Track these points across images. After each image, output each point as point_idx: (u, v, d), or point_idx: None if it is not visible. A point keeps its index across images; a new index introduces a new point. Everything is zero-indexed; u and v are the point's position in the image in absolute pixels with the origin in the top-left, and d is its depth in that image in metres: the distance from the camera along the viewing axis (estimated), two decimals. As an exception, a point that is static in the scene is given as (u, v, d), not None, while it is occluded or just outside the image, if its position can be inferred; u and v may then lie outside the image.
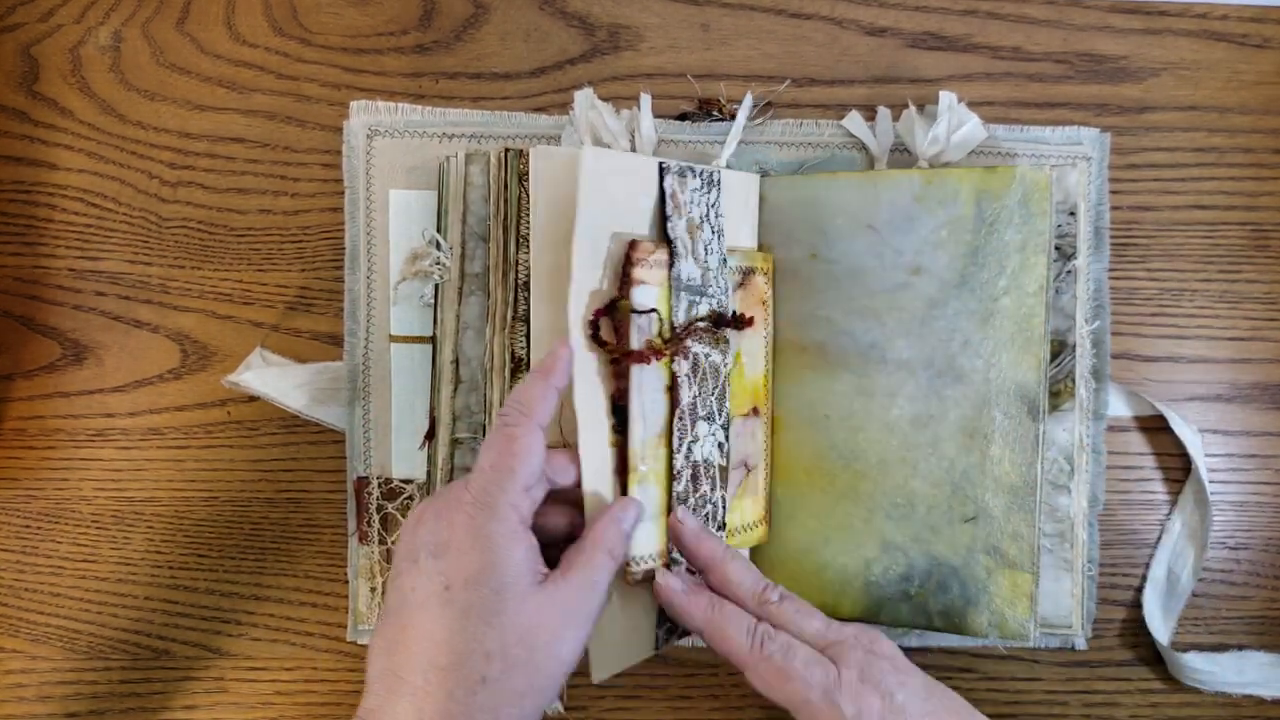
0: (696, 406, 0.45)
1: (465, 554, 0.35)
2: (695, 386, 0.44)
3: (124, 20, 0.54)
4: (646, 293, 0.43)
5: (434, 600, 0.34)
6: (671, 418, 0.44)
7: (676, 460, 0.44)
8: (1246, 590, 0.55)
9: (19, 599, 0.54)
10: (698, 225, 0.46)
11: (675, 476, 0.44)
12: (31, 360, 0.54)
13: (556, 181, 0.43)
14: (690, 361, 0.44)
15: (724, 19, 0.54)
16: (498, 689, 0.33)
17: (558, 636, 0.35)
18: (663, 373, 0.43)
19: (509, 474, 0.36)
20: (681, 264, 0.44)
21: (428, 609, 0.34)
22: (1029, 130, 0.54)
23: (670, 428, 0.44)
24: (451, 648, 0.34)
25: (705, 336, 0.45)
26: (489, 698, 0.33)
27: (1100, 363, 0.53)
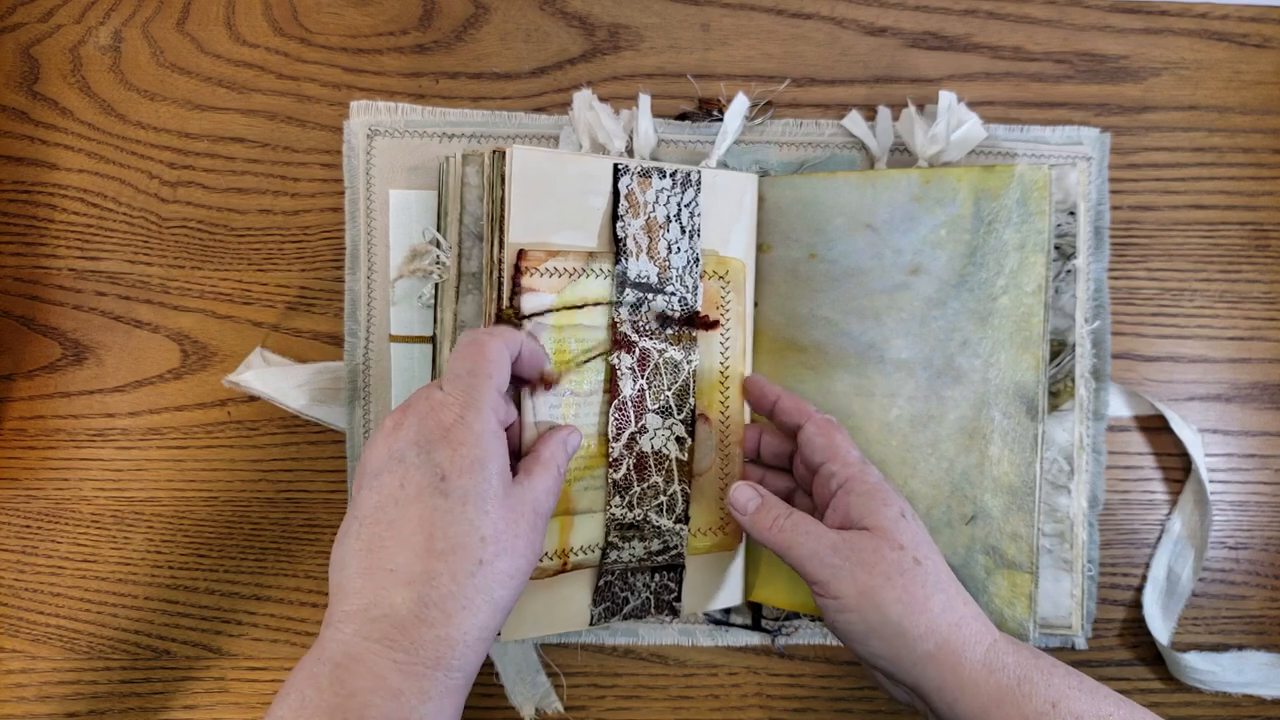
0: (645, 399, 0.47)
1: (460, 446, 0.36)
2: (643, 380, 0.46)
3: (124, 20, 0.54)
4: (535, 300, 0.44)
5: (428, 491, 0.36)
6: (608, 409, 0.46)
7: (614, 448, 0.46)
8: (1246, 590, 0.55)
9: (19, 599, 0.54)
10: (662, 224, 0.46)
11: (613, 465, 0.46)
12: (32, 360, 0.54)
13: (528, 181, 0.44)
14: (635, 356, 0.46)
15: (724, 19, 0.54)
16: (491, 570, 0.36)
17: (533, 527, 0.38)
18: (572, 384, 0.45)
19: (486, 378, 0.38)
20: (631, 263, 0.46)
21: (421, 500, 0.36)
22: (1029, 130, 0.54)
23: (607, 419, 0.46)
24: (449, 534, 0.35)
25: (661, 333, 0.47)
26: (485, 579, 0.35)
27: (1100, 362, 0.53)
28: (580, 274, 0.45)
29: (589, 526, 0.46)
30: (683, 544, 0.48)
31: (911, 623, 0.39)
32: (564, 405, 0.45)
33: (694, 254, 0.47)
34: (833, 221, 0.49)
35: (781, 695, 0.54)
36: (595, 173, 0.45)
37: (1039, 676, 0.38)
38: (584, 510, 0.46)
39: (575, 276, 0.45)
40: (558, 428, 0.43)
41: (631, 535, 0.47)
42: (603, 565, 0.47)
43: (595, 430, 0.46)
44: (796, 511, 0.43)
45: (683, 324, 0.47)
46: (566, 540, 0.45)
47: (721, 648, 0.54)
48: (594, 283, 0.45)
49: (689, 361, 0.48)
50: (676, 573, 0.49)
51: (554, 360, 0.44)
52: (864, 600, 0.39)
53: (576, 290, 0.45)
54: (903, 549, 0.40)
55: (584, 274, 0.45)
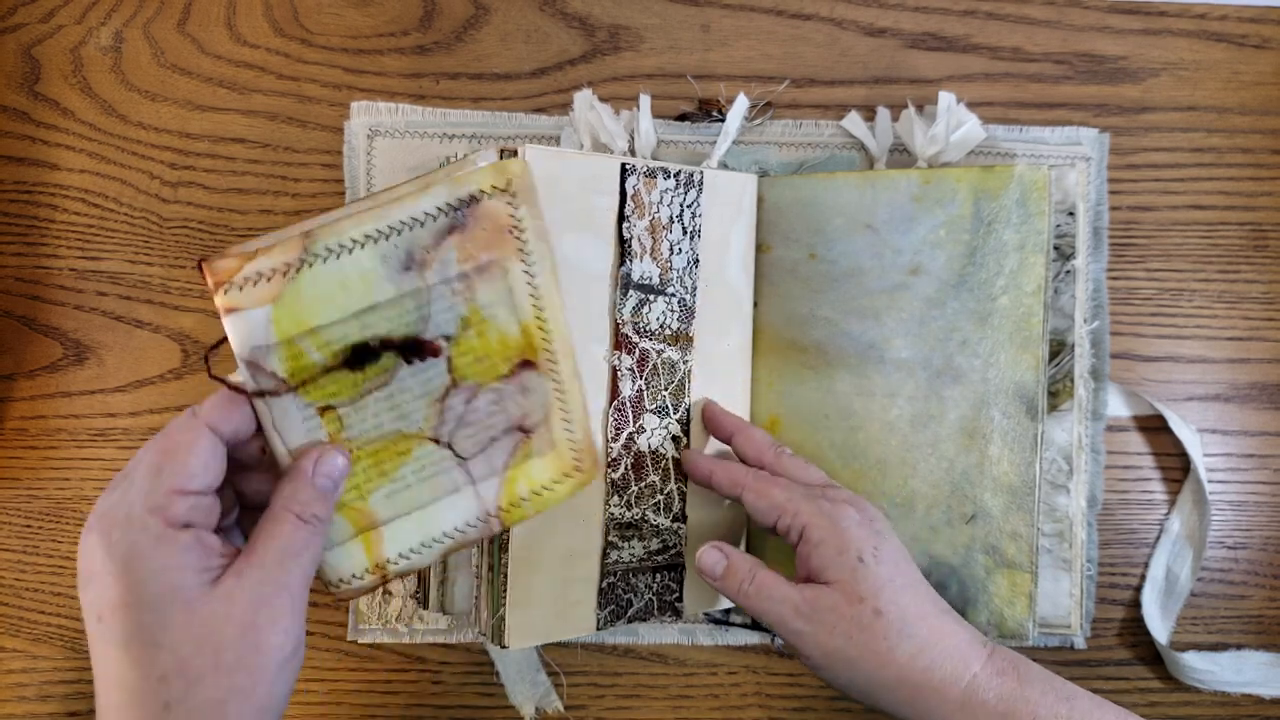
0: (644, 400, 0.47)
1: (105, 578, 0.32)
2: (641, 381, 0.46)
3: (125, 21, 0.54)
4: (246, 322, 0.36)
5: (95, 638, 0.32)
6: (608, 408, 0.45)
7: (612, 449, 0.46)
8: (1245, 590, 0.55)
9: (20, 598, 0.54)
10: (665, 225, 0.46)
11: (612, 464, 0.46)
12: (33, 360, 0.54)
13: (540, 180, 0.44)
14: (635, 356, 0.46)
15: (724, 20, 0.54)
16: (187, 708, 0.31)
17: (252, 627, 0.32)
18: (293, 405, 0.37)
19: (153, 473, 0.33)
20: (635, 264, 0.46)
21: (95, 648, 0.32)
22: (1028, 130, 0.54)
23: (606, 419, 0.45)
24: (123, 684, 0.31)
25: (660, 334, 0.47)
26: (183, 718, 0.31)
27: (1099, 363, 0.53)
28: (300, 265, 0.36)
29: (408, 529, 0.39)
30: (682, 543, 0.48)
31: (880, 677, 0.39)
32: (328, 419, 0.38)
33: (694, 255, 0.48)
34: (832, 222, 0.50)
35: (781, 695, 0.55)
36: (602, 172, 0.45)
37: (1022, 709, 0.37)
38: (392, 518, 0.39)
39: (293, 271, 0.36)
40: (302, 456, 0.36)
41: (630, 535, 0.47)
42: (604, 566, 0.47)
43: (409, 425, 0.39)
44: (761, 571, 0.42)
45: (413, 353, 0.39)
46: (378, 554, 0.39)
47: (721, 647, 0.54)
48: (334, 265, 0.37)
49: (684, 361, 0.48)
50: (677, 572, 0.49)
51: (308, 386, 0.37)
52: (831, 660, 0.39)
53: (310, 283, 0.36)
54: (862, 601, 0.39)
55: (308, 262, 0.36)
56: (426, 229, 0.37)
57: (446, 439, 0.39)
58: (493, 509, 0.40)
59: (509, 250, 0.38)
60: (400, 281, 0.37)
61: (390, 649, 0.54)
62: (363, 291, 0.37)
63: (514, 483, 0.41)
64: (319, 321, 0.37)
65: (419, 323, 0.38)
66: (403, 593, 0.53)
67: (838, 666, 0.39)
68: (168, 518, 0.32)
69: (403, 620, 0.53)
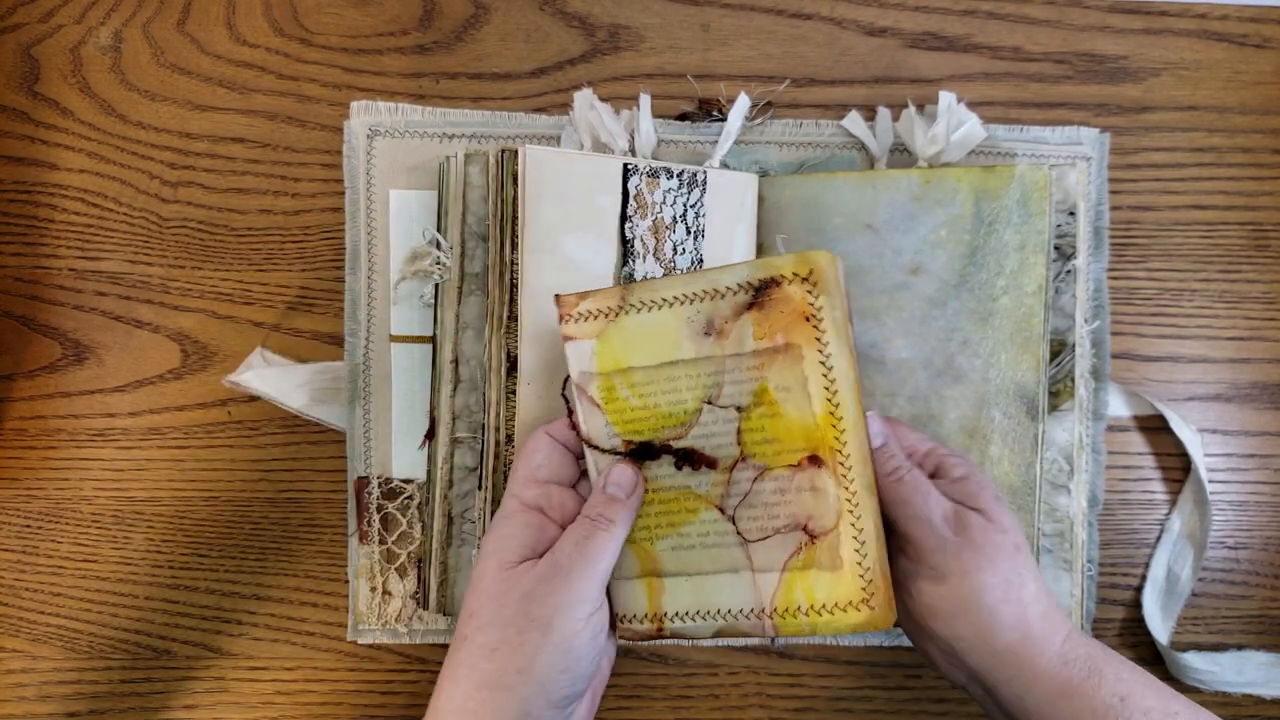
0: None
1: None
2: None
3: (124, 20, 0.54)
4: (579, 349, 0.42)
5: None
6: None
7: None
8: (1246, 590, 0.55)
9: (20, 599, 0.54)
10: (668, 225, 0.46)
11: None
12: (32, 360, 0.54)
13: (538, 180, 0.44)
14: None
15: (724, 19, 0.54)
16: (472, 646, 0.38)
17: (531, 597, 0.38)
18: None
19: (513, 470, 0.42)
20: (638, 264, 0.46)
21: None
22: (1029, 130, 0.54)
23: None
24: (460, 617, 0.40)
25: None
26: (466, 654, 0.38)
27: (1100, 363, 0.53)
28: (619, 311, 0.41)
29: (686, 591, 0.41)
30: None
31: (1005, 610, 0.38)
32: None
33: (698, 255, 0.47)
34: (833, 221, 0.50)
35: (781, 695, 0.54)
36: (604, 172, 0.45)
37: (1108, 670, 0.38)
38: (674, 573, 0.41)
39: (613, 315, 0.41)
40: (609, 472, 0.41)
41: None
42: None
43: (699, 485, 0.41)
44: (916, 469, 0.41)
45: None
46: (658, 604, 0.41)
47: (721, 647, 0.54)
48: (646, 318, 0.41)
49: None
50: None
51: (617, 416, 0.41)
52: (965, 579, 0.39)
53: (627, 328, 0.41)
54: (1006, 532, 0.40)
55: (624, 310, 0.41)
56: (727, 301, 0.40)
57: (730, 512, 0.40)
58: (767, 607, 0.40)
59: (805, 337, 0.39)
60: (700, 345, 0.40)
61: (390, 649, 0.54)
62: (668, 346, 0.41)
63: (792, 588, 0.40)
64: (631, 363, 0.41)
65: (714, 387, 0.40)
66: (402, 593, 0.53)
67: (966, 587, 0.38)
68: (521, 499, 0.41)
69: (402, 621, 0.53)
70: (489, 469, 0.48)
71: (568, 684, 0.38)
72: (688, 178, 0.47)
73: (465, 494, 0.50)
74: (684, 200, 0.47)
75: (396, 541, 0.53)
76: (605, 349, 0.41)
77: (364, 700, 0.54)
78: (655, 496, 0.41)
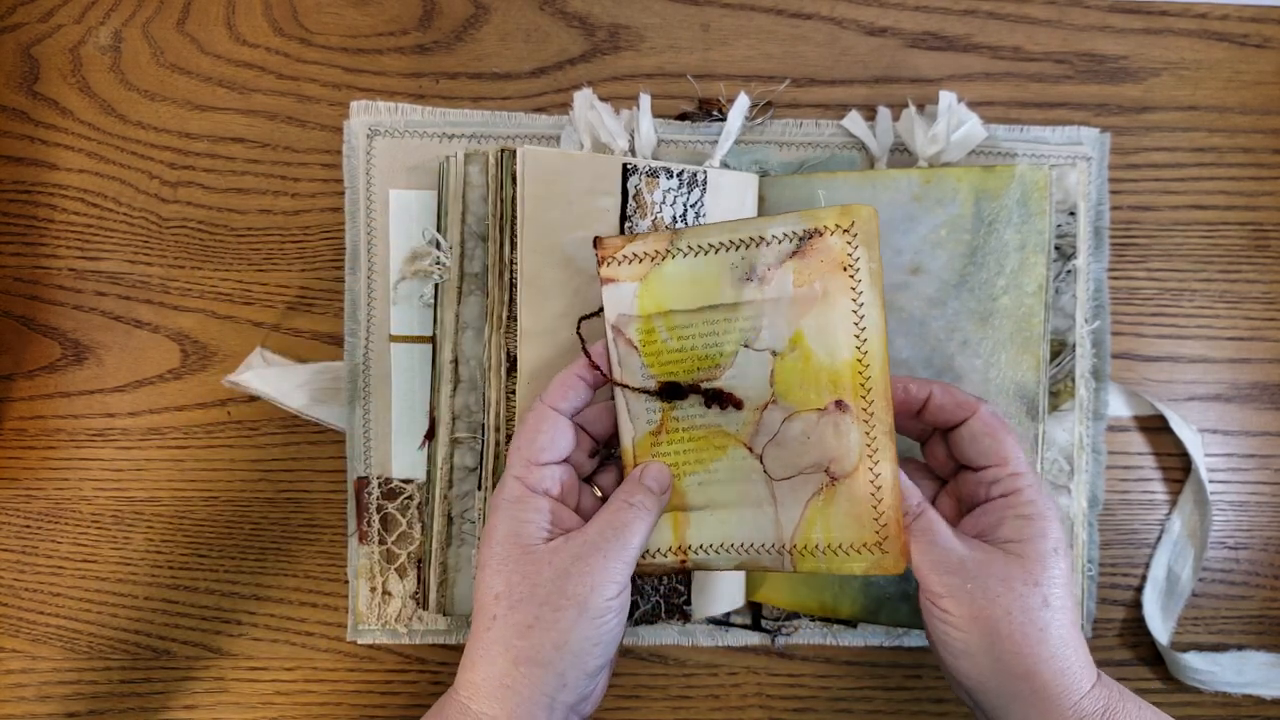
0: None
1: (487, 522, 0.41)
2: None
3: (124, 20, 0.54)
4: (619, 292, 0.42)
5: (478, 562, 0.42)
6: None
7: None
8: (1246, 590, 0.55)
9: (19, 599, 0.54)
10: (667, 225, 0.46)
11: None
12: (32, 360, 0.54)
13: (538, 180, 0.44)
14: None
15: (724, 19, 0.54)
16: (504, 624, 0.39)
17: (565, 575, 0.39)
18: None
19: (515, 450, 0.42)
20: None
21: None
22: (1029, 130, 0.54)
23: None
24: (476, 599, 0.40)
25: None
26: (499, 632, 0.39)
27: (1100, 363, 0.53)
28: (665, 255, 0.42)
29: (711, 524, 0.42)
30: None
31: (1016, 663, 0.38)
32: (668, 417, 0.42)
33: None
34: (833, 221, 0.49)
35: (781, 695, 0.54)
36: (603, 172, 0.45)
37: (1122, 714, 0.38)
38: (700, 507, 0.43)
39: (659, 259, 0.42)
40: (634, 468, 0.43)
41: None
42: None
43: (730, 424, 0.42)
44: (930, 509, 0.41)
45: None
46: (682, 536, 0.43)
47: (721, 648, 0.54)
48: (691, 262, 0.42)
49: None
50: (686, 576, 0.49)
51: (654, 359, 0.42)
52: (974, 626, 0.38)
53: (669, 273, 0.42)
54: (1037, 586, 0.38)
55: (671, 254, 0.42)
56: (771, 249, 0.41)
57: (759, 451, 0.42)
58: (787, 543, 0.42)
59: (841, 287, 0.41)
60: (741, 290, 0.41)
61: (390, 649, 0.54)
62: (710, 291, 0.41)
63: (811, 526, 0.41)
64: (673, 307, 0.42)
65: (752, 331, 0.41)
66: (402, 593, 0.53)
67: (974, 634, 0.38)
68: (527, 483, 0.41)
69: (402, 621, 0.53)
70: (489, 469, 0.48)
71: (600, 655, 0.39)
72: (688, 177, 0.47)
73: (465, 494, 0.50)
74: (684, 200, 0.47)
75: (396, 542, 0.53)
76: (648, 291, 0.42)
77: (364, 700, 0.54)
78: (686, 434, 0.42)
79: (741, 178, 0.50)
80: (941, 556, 0.39)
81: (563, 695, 0.38)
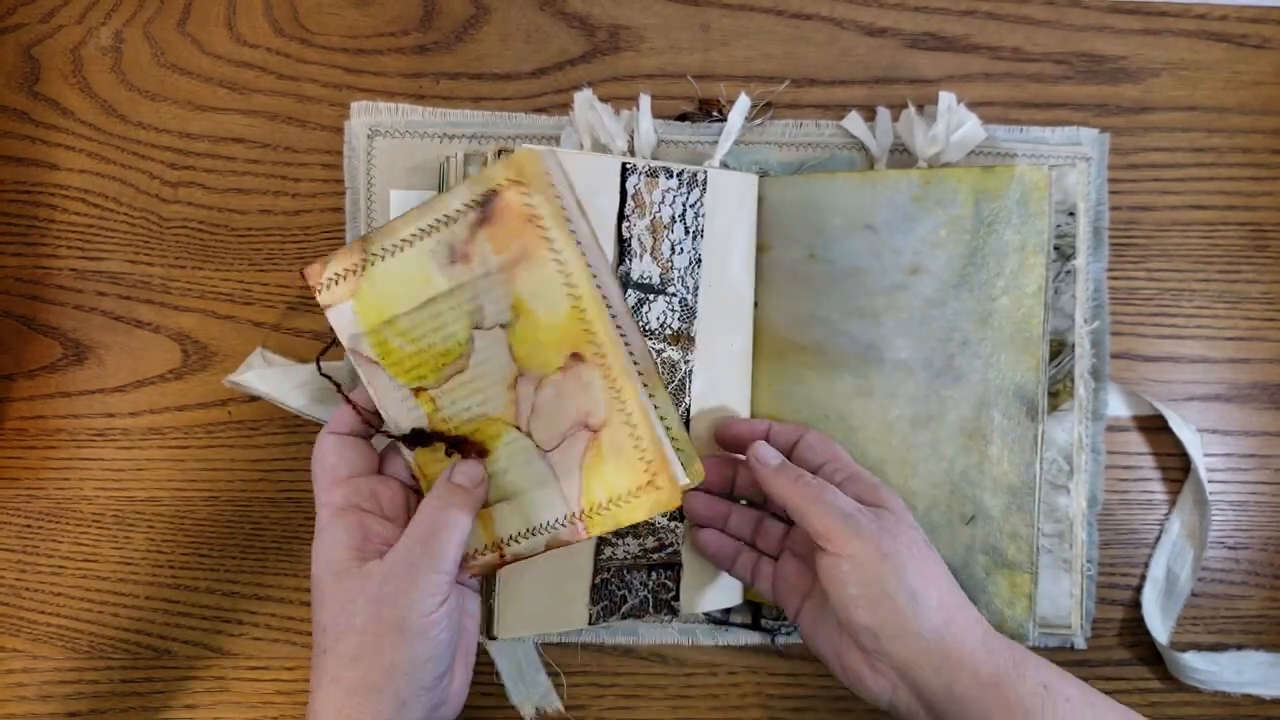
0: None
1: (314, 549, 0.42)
2: None
3: (125, 21, 0.54)
4: (340, 314, 0.42)
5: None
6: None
7: None
8: (1245, 590, 0.55)
9: (20, 598, 0.54)
10: (666, 224, 0.46)
11: None
12: (33, 360, 0.54)
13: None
14: None
15: (724, 19, 0.54)
16: (332, 656, 0.39)
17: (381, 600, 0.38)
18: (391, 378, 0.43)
19: (315, 475, 0.43)
20: (635, 263, 0.46)
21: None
22: (1028, 130, 0.54)
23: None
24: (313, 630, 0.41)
25: (660, 334, 0.46)
26: (329, 664, 0.39)
27: (1099, 363, 0.53)
28: (364, 264, 0.42)
29: (512, 514, 0.43)
30: (679, 541, 0.48)
31: (926, 594, 0.39)
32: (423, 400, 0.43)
33: (696, 255, 0.48)
34: (832, 222, 0.50)
35: (781, 695, 0.55)
36: (602, 172, 0.45)
37: (1030, 660, 0.39)
38: (498, 499, 0.43)
39: (360, 270, 0.42)
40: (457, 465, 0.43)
41: (626, 532, 0.47)
42: (597, 562, 0.47)
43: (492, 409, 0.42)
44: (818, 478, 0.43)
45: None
46: (493, 533, 0.43)
47: (721, 647, 0.54)
48: (391, 262, 0.42)
49: (685, 362, 0.48)
50: (674, 571, 0.49)
51: (398, 368, 0.42)
52: (884, 563, 0.39)
53: (377, 279, 0.42)
54: (915, 529, 0.42)
55: (369, 261, 0.42)
56: (460, 224, 0.41)
57: (526, 427, 0.42)
58: (576, 510, 0.42)
59: (534, 240, 0.40)
60: (451, 274, 0.41)
61: (390, 649, 0.54)
62: (422, 285, 0.41)
63: (591, 487, 0.41)
64: (394, 312, 0.41)
65: (476, 312, 0.41)
66: (402, 593, 0.53)
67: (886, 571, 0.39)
68: (332, 505, 0.41)
69: (402, 620, 0.53)
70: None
71: (435, 667, 0.39)
72: (688, 177, 0.47)
73: (465, 494, 0.50)
74: (683, 200, 0.47)
75: None
76: (363, 305, 0.42)
77: (364, 700, 0.54)
78: (460, 432, 0.43)
79: (741, 178, 0.50)
80: (842, 505, 0.41)
81: (406, 713, 0.38)
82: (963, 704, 0.38)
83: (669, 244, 0.47)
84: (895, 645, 0.39)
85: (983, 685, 0.38)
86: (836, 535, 0.40)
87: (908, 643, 0.39)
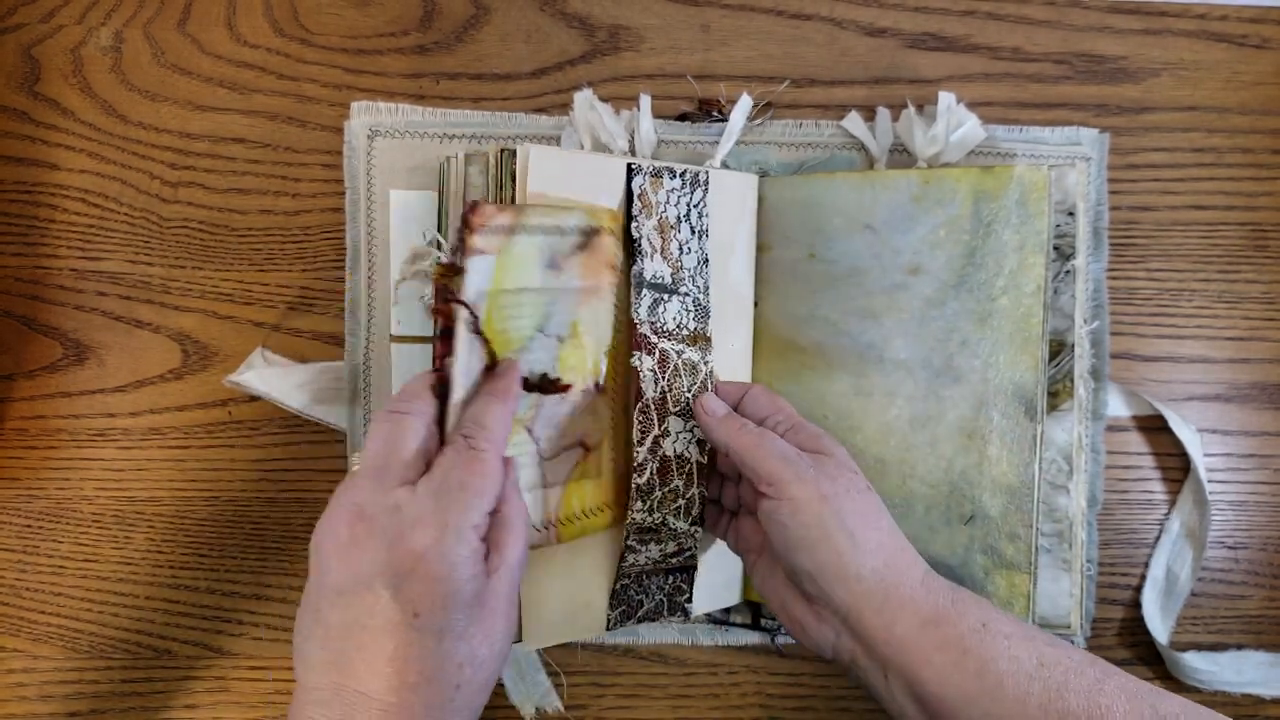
0: (666, 402, 0.45)
1: (434, 583, 0.34)
2: (665, 382, 0.45)
3: (125, 21, 0.54)
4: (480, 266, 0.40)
5: (401, 627, 0.34)
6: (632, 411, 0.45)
7: (639, 453, 0.45)
8: (1245, 590, 0.55)
9: (20, 598, 0.54)
10: (673, 225, 0.46)
11: (638, 469, 0.45)
12: (33, 360, 0.54)
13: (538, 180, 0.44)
14: (656, 358, 0.45)
15: (724, 20, 0.54)
16: (469, 690, 0.35)
17: (508, 618, 0.37)
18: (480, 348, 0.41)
19: (477, 495, 0.36)
20: (646, 263, 0.45)
21: (394, 634, 0.34)
22: (1028, 130, 0.54)
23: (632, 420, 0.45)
24: (424, 667, 0.34)
25: (679, 334, 0.46)
26: (464, 700, 0.35)
27: (1099, 363, 0.53)
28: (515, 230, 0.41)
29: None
30: (696, 545, 0.48)
31: (867, 534, 0.40)
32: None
33: (703, 255, 0.47)
34: (832, 222, 0.50)
35: (781, 694, 0.55)
36: (606, 172, 0.45)
37: (968, 598, 0.39)
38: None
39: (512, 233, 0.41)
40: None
41: (649, 539, 0.46)
42: (620, 569, 0.46)
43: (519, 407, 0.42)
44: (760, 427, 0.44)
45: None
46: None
47: (721, 647, 0.54)
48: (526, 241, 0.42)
49: (705, 362, 0.47)
50: (689, 574, 0.49)
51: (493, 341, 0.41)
52: (824, 505, 0.39)
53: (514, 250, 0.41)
54: (856, 474, 0.42)
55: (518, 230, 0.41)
56: (565, 240, 0.43)
57: (536, 432, 0.44)
58: (553, 518, 0.44)
59: (608, 282, 0.45)
60: (544, 276, 0.43)
61: (390, 649, 0.54)
62: (527, 272, 0.42)
63: (570, 499, 0.44)
64: (504, 286, 0.42)
65: (546, 317, 0.43)
66: (402, 593, 0.53)
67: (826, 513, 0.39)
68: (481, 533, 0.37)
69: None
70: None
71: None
72: (690, 178, 0.47)
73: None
74: (687, 200, 0.47)
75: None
76: (500, 265, 0.41)
77: (364, 700, 0.54)
78: None
79: (742, 178, 0.50)
80: (782, 450, 0.41)
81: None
82: (903, 644, 0.38)
83: (677, 244, 0.46)
84: (836, 587, 0.39)
85: (923, 624, 0.38)
86: (777, 479, 0.40)
87: (848, 585, 0.39)
